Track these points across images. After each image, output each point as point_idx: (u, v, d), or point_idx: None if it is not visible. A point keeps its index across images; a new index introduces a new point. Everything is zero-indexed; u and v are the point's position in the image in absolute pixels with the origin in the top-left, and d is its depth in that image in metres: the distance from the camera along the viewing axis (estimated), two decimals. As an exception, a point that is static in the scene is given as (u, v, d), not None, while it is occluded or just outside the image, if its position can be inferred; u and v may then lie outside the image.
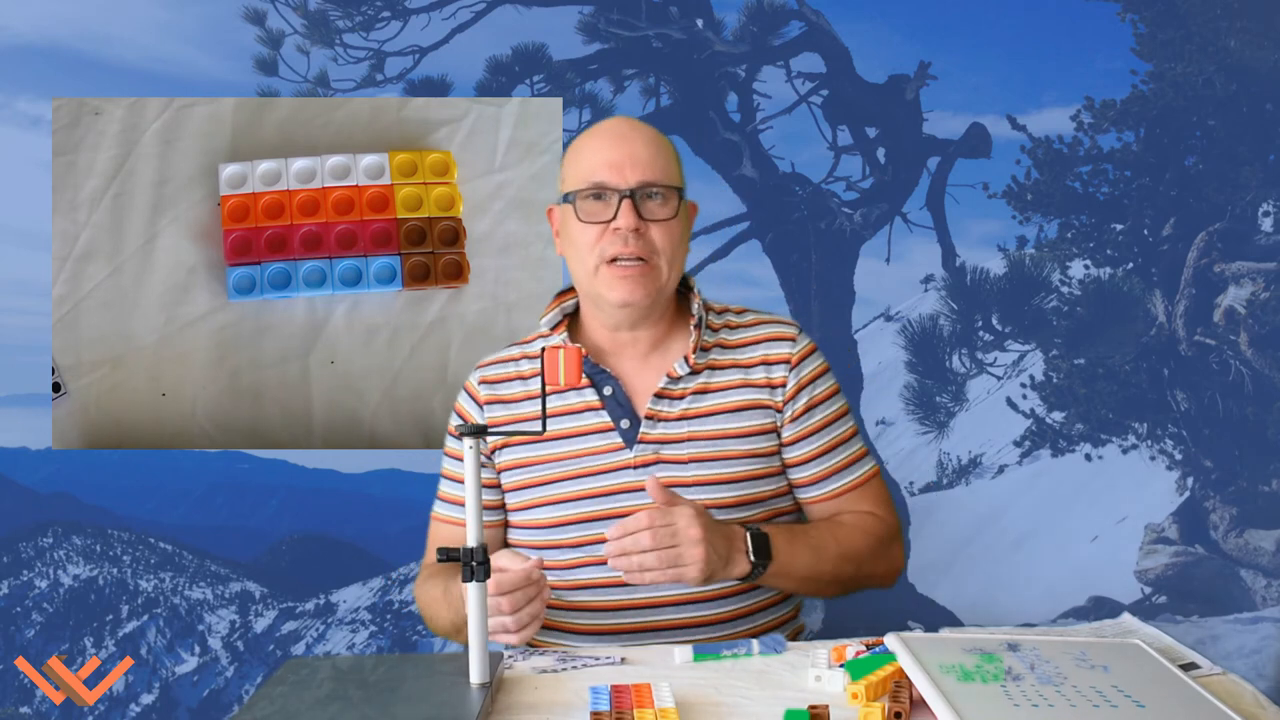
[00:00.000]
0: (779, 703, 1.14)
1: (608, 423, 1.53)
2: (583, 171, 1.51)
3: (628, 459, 1.52)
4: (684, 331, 1.58)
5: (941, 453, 2.69)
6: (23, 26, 2.53)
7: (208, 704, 2.66)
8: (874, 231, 2.65)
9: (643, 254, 1.47)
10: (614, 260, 1.48)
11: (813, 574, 1.48)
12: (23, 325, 2.52)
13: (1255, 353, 2.60)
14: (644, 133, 1.53)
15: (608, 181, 1.48)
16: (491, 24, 2.57)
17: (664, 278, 1.51)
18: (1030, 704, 1.06)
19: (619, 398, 1.53)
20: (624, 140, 1.50)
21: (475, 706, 1.11)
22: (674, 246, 1.51)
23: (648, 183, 1.48)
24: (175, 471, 2.64)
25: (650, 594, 1.50)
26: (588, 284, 1.53)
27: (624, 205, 1.46)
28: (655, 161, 1.49)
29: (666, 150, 1.53)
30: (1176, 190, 2.62)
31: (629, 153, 1.49)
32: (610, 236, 1.47)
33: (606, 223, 1.48)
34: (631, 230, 1.46)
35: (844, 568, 1.50)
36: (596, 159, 1.50)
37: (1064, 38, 2.60)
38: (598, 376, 1.55)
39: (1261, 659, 2.57)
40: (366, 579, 2.68)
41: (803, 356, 1.57)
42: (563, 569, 1.53)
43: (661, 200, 1.49)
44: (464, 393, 1.64)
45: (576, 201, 1.50)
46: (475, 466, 1.16)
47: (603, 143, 1.52)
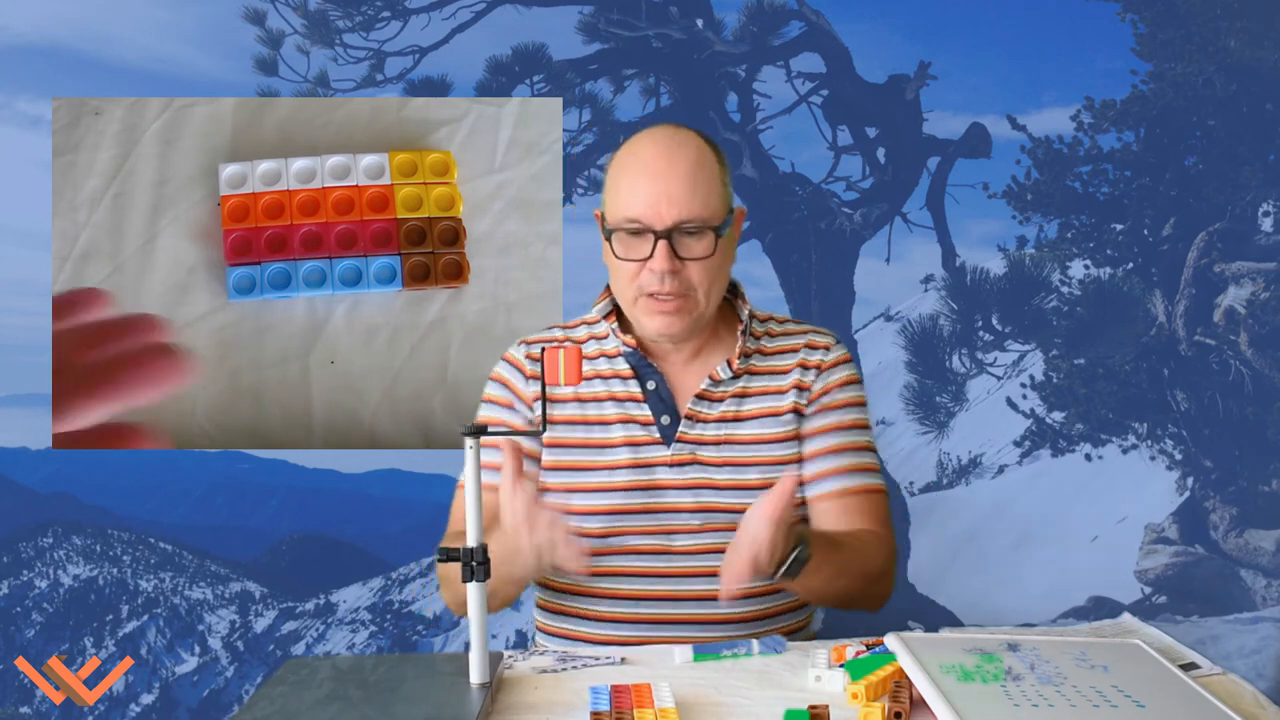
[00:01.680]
0: (779, 703, 1.14)
1: (649, 416, 1.54)
2: (621, 206, 1.48)
3: (665, 456, 1.52)
4: (729, 335, 1.59)
5: (941, 453, 2.69)
6: (23, 26, 2.53)
7: (208, 704, 2.66)
8: (874, 231, 2.65)
9: (679, 291, 1.47)
10: (652, 295, 1.48)
11: (829, 588, 1.47)
12: (23, 325, 2.52)
13: (1255, 353, 2.60)
14: (684, 162, 1.47)
15: (644, 219, 1.46)
16: (491, 24, 2.57)
17: (702, 308, 1.50)
18: (1030, 704, 1.06)
19: (662, 393, 1.54)
20: (661, 176, 1.46)
21: (475, 706, 1.11)
22: (712, 279, 1.49)
23: (684, 221, 1.45)
24: (175, 471, 2.64)
25: (671, 587, 1.51)
26: (628, 310, 1.54)
27: (660, 247, 1.45)
28: (694, 198, 1.46)
29: (707, 178, 1.48)
30: (1176, 190, 2.62)
31: (665, 190, 1.45)
32: (648, 275, 1.47)
33: (644, 260, 1.47)
34: (667, 272, 1.45)
35: (855, 585, 1.50)
36: (634, 193, 1.47)
37: (1064, 38, 2.60)
38: (644, 370, 1.56)
39: (1261, 659, 2.57)
40: (366, 579, 2.68)
41: (834, 364, 1.58)
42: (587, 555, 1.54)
43: (699, 237, 1.47)
44: (506, 364, 1.62)
45: (614, 236, 1.49)
46: (475, 466, 1.16)
47: (641, 175, 1.48)
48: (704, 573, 1.50)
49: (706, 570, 1.50)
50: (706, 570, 1.50)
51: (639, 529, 1.52)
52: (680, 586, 1.51)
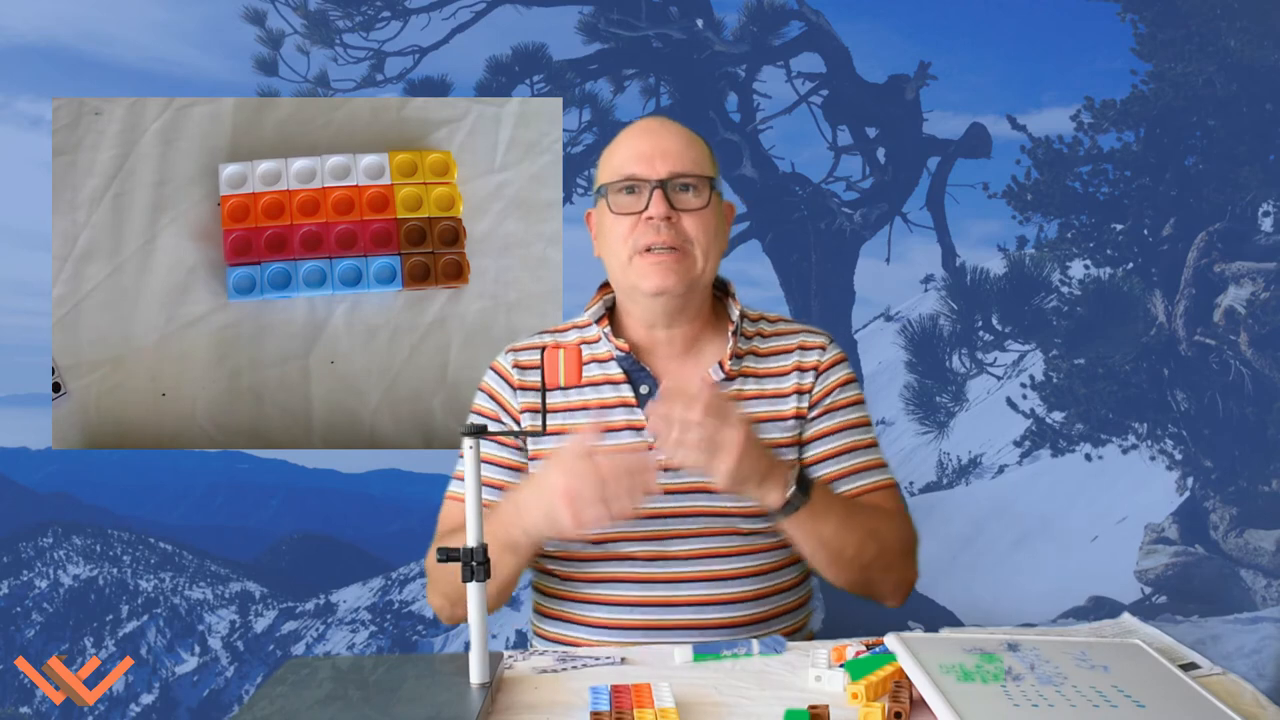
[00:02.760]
0: (779, 703, 1.14)
1: (640, 421, 1.53)
2: (615, 166, 1.53)
3: (659, 461, 1.52)
4: (720, 335, 1.59)
5: (941, 453, 2.69)
6: (23, 26, 2.53)
7: (208, 704, 2.66)
8: (874, 231, 2.65)
9: (675, 243, 1.49)
10: (648, 250, 1.49)
11: (838, 539, 1.44)
12: (23, 325, 2.52)
13: (1255, 353, 2.60)
14: (674, 128, 1.55)
15: (639, 173, 1.50)
16: (491, 24, 2.57)
17: (699, 266, 1.51)
18: (1030, 704, 1.06)
19: (655, 398, 1.52)
20: (654, 134, 1.53)
21: (475, 706, 1.11)
22: (709, 236, 1.51)
23: (678, 173, 1.50)
24: (175, 471, 2.64)
25: (666, 593, 1.51)
26: (622, 276, 1.53)
27: (655, 195, 1.48)
28: (686, 153, 1.51)
29: (698, 144, 1.55)
30: (1176, 190, 2.62)
31: (659, 145, 1.51)
32: (643, 227, 1.49)
33: (639, 214, 1.49)
34: (664, 219, 1.48)
35: (868, 546, 1.46)
36: (628, 153, 1.52)
37: (1064, 38, 2.60)
38: (636, 374, 1.55)
39: (1261, 659, 2.57)
40: (366, 579, 2.68)
41: (831, 364, 1.58)
42: (581, 561, 1.53)
43: (694, 191, 1.51)
44: (494, 374, 1.62)
45: (609, 195, 1.52)
46: (475, 466, 1.16)
47: (634, 138, 1.54)
48: (701, 578, 1.50)
49: (704, 575, 1.49)
50: (704, 575, 1.49)
51: (634, 534, 1.51)
52: (677, 592, 1.51)
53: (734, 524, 1.51)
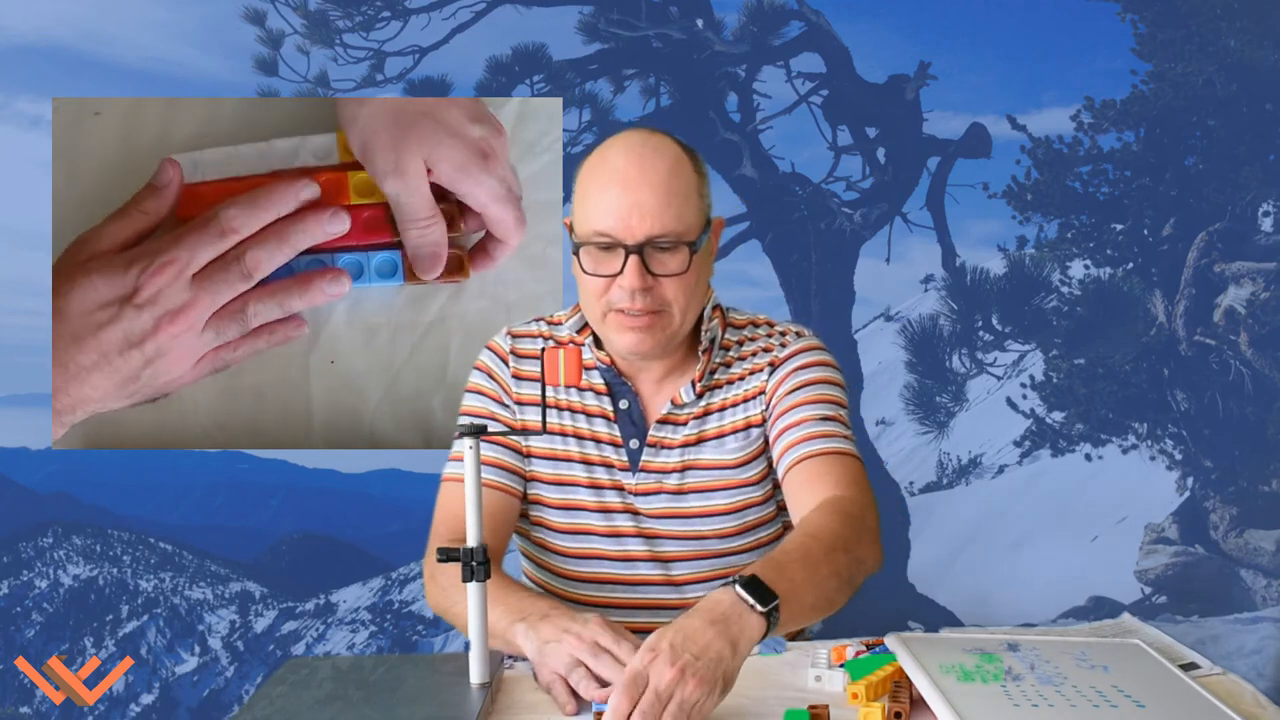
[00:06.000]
0: (779, 703, 1.14)
1: (618, 438, 1.50)
2: (590, 217, 1.39)
3: (630, 483, 1.49)
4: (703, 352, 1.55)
5: (941, 453, 2.69)
6: (23, 26, 2.53)
7: (208, 704, 2.66)
8: (874, 231, 2.65)
9: (652, 308, 1.40)
10: (623, 310, 1.41)
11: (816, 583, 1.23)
12: (23, 325, 2.52)
13: (1255, 353, 2.60)
14: (658, 170, 1.38)
15: (614, 234, 1.37)
16: (491, 24, 2.57)
17: (676, 325, 1.43)
18: (1030, 704, 1.06)
19: (634, 415, 1.50)
20: (632, 187, 1.37)
21: (475, 706, 1.11)
22: (688, 295, 1.42)
23: (656, 236, 1.36)
24: (175, 471, 2.64)
25: (654, 595, 1.51)
26: (596, 326, 1.47)
27: (631, 263, 1.36)
28: (666, 210, 1.37)
29: (682, 188, 1.39)
30: (1176, 190, 2.62)
31: (636, 202, 1.36)
32: (617, 291, 1.40)
33: (613, 276, 1.39)
34: (639, 289, 1.38)
35: (837, 558, 1.29)
36: (604, 206, 1.38)
37: (1064, 38, 2.60)
38: (618, 387, 1.51)
39: (1261, 659, 2.57)
40: (366, 579, 2.68)
41: (790, 355, 1.51)
42: (565, 556, 1.53)
43: (672, 253, 1.38)
44: (490, 352, 1.59)
45: (582, 251, 1.41)
46: (475, 466, 1.15)
47: (610, 186, 1.38)
48: (680, 605, 1.48)
49: (683, 603, 1.47)
50: (683, 603, 1.47)
51: (608, 554, 1.50)
52: (661, 595, 1.50)
53: (711, 546, 1.51)
